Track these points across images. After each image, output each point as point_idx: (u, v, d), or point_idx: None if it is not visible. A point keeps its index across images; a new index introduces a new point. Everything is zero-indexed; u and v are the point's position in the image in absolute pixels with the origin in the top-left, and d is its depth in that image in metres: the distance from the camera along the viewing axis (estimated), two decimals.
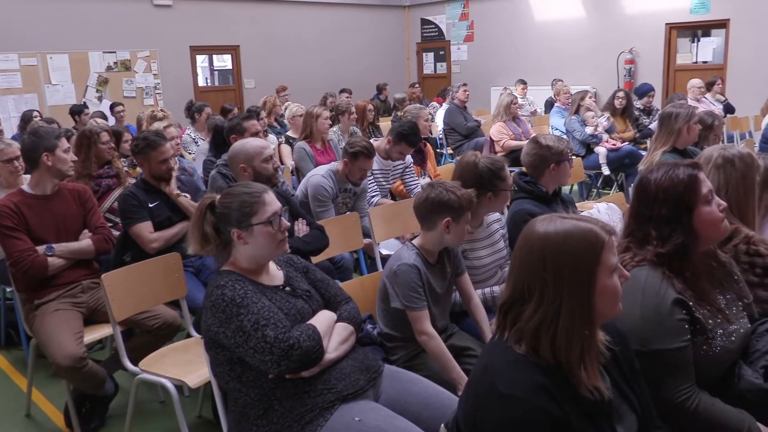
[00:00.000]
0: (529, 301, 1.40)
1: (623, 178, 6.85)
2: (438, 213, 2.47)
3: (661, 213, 1.84)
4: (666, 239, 1.83)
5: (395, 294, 2.46)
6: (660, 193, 1.85)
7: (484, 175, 2.87)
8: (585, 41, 12.07)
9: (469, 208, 2.49)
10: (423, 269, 2.48)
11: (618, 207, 3.89)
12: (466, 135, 7.76)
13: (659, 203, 1.85)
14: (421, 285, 2.45)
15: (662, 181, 1.86)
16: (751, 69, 10.03)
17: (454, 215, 2.46)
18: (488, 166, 2.89)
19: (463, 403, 1.50)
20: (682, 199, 1.83)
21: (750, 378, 1.79)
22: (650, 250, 1.84)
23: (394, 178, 5.02)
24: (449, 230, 2.47)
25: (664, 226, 1.84)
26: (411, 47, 15.28)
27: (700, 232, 1.84)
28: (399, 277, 2.44)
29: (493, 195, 2.90)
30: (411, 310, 2.44)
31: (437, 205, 2.47)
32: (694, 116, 4.25)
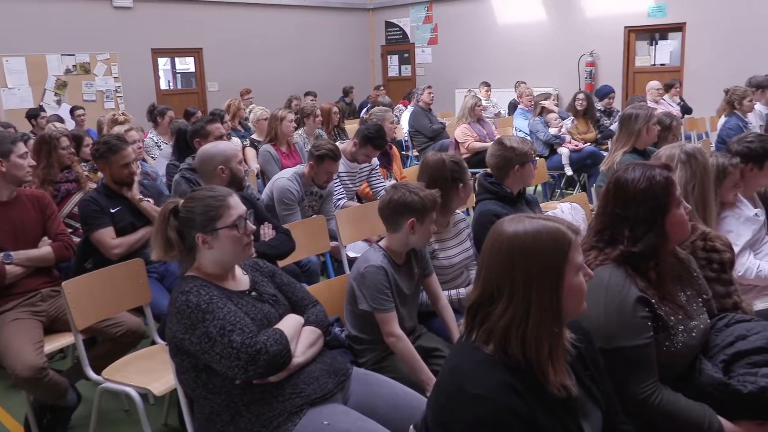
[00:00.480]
0: (499, 300, 1.42)
1: (585, 179, 6.97)
2: (402, 214, 2.49)
3: (638, 214, 1.88)
4: (638, 239, 1.87)
5: (363, 296, 2.46)
6: (638, 195, 1.89)
7: (452, 169, 2.96)
8: (547, 44, 12.25)
9: (434, 209, 2.51)
10: (390, 271, 2.49)
11: (581, 207, 3.95)
12: (431, 137, 7.80)
13: (637, 204, 1.88)
14: (389, 287, 2.46)
15: (639, 182, 1.89)
16: (706, 71, 10.30)
17: (418, 216, 2.47)
18: (452, 160, 3.02)
19: (431, 404, 1.51)
20: (658, 202, 1.87)
21: (710, 372, 1.84)
22: (620, 249, 1.88)
23: (360, 181, 5.02)
24: (414, 231, 2.49)
25: (639, 226, 1.87)
26: (375, 50, 15.31)
27: (670, 233, 1.88)
28: (366, 279, 2.45)
29: (464, 185, 3.00)
30: (379, 312, 2.44)
31: (401, 207, 2.49)
32: (653, 117, 4.35)
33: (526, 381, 1.39)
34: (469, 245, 3.08)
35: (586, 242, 1.96)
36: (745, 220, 2.90)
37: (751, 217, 2.92)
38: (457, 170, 3.00)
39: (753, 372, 1.79)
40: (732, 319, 2.01)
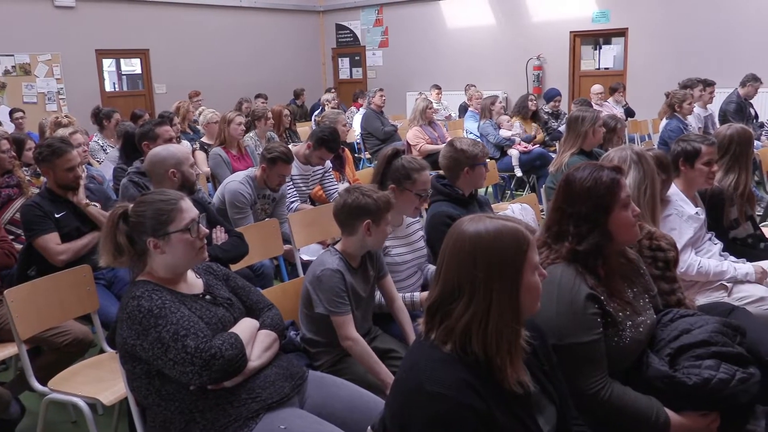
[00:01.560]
0: (459, 299, 1.44)
1: (535, 180, 7.10)
2: (357, 217, 2.49)
3: (581, 211, 1.93)
4: (583, 237, 1.92)
5: (319, 300, 2.45)
6: (583, 192, 1.94)
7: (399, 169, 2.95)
8: (496, 48, 12.44)
9: (388, 210, 2.51)
10: (346, 274, 2.49)
11: (531, 208, 4.03)
12: (384, 139, 7.83)
13: (580, 201, 1.94)
14: (345, 290, 2.45)
15: (586, 180, 1.95)
16: (648, 75, 10.64)
17: (373, 218, 2.48)
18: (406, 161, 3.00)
19: (390, 403, 1.52)
20: (601, 201, 1.93)
21: (657, 366, 1.90)
22: (566, 246, 1.93)
23: (313, 183, 5.01)
24: (370, 233, 2.49)
25: (583, 224, 1.93)
26: (326, 52, 15.27)
27: (614, 234, 1.94)
28: (323, 283, 2.44)
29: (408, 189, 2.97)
30: (335, 315, 2.43)
31: (355, 210, 2.49)
32: (599, 119, 4.48)
33: (483, 378, 1.42)
34: (422, 245, 3.10)
35: (539, 238, 2.01)
36: (688, 218, 3.01)
37: (692, 216, 3.04)
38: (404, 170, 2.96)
39: (697, 364, 1.86)
40: (676, 315, 2.09)
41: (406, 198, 2.93)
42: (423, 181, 2.94)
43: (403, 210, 2.96)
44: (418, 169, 2.93)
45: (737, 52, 9.74)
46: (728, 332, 1.97)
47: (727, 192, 3.36)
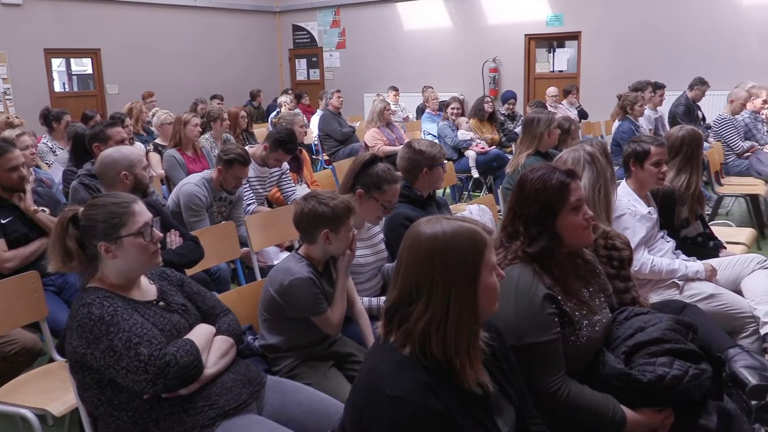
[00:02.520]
0: (418, 301, 1.43)
1: (492, 181, 7.18)
2: (315, 226, 2.45)
3: (530, 213, 1.95)
4: (533, 239, 1.94)
5: (294, 307, 2.41)
6: (532, 194, 1.96)
7: (372, 176, 2.90)
8: (452, 50, 12.55)
9: (347, 217, 2.47)
10: (316, 277, 2.46)
11: (488, 208, 4.06)
12: (342, 141, 7.82)
13: (530, 203, 1.96)
14: (320, 291, 2.44)
15: (536, 182, 1.97)
16: (600, 77, 10.88)
17: (331, 226, 2.44)
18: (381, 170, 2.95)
19: (349, 408, 1.50)
20: (549, 204, 1.95)
21: (613, 364, 1.93)
22: (518, 246, 1.95)
23: (270, 185, 4.95)
24: (330, 241, 2.45)
25: (532, 226, 1.95)
26: (283, 53, 15.16)
27: (564, 236, 1.96)
28: (297, 292, 2.39)
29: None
30: (319, 315, 2.43)
31: (312, 219, 2.45)
32: (554, 121, 4.55)
33: (443, 380, 1.41)
34: (382, 247, 3.09)
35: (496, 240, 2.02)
36: (641, 217, 3.08)
37: (645, 215, 3.11)
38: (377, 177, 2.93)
39: (651, 362, 1.90)
40: (631, 313, 2.12)
41: (372, 206, 2.89)
42: (392, 193, 2.90)
43: (365, 216, 2.94)
44: (391, 181, 2.88)
45: (684, 56, 10.04)
46: (681, 329, 2.01)
47: (678, 192, 3.44)
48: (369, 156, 2.96)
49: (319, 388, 2.29)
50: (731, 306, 3.05)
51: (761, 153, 6.39)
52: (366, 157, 2.95)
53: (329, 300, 2.51)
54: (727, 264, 3.29)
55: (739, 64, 9.59)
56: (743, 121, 6.65)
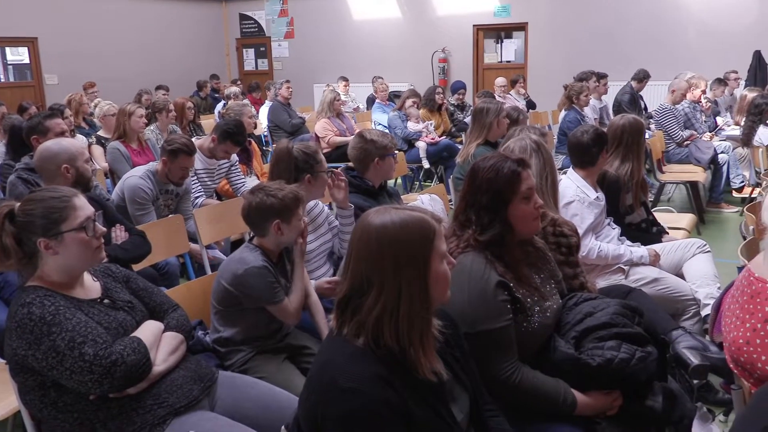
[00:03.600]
0: (369, 292, 1.43)
1: (443, 171, 7.22)
2: (265, 219, 2.42)
3: (482, 201, 1.97)
4: (485, 227, 1.96)
5: (249, 297, 2.37)
6: (484, 183, 1.98)
7: (299, 159, 2.93)
8: (401, 40, 12.56)
9: (297, 206, 2.45)
10: (271, 267, 2.43)
11: (439, 198, 4.09)
12: (291, 132, 7.74)
13: (482, 192, 1.97)
14: (276, 280, 2.41)
15: (488, 172, 1.98)
16: (546, 68, 11.07)
17: (282, 217, 2.41)
18: (302, 150, 2.98)
19: (303, 401, 1.48)
20: (500, 193, 1.96)
21: (563, 349, 1.97)
22: (470, 234, 1.96)
23: (219, 178, 4.86)
24: (282, 232, 2.43)
25: (484, 214, 1.96)
26: (230, 43, 14.89)
27: (515, 225, 1.99)
28: (252, 281, 2.35)
29: (312, 178, 2.96)
30: (275, 304, 2.40)
31: (261, 212, 2.42)
32: (503, 111, 4.60)
33: (397, 371, 1.41)
34: (326, 231, 3.07)
35: (448, 229, 2.03)
36: (589, 204, 3.15)
37: (593, 201, 3.17)
38: (305, 161, 2.97)
39: (600, 346, 1.94)
40: (580, 298, 2.17)
41: (321, 181, 2.98)
42: (323, 159, 3.05)
43: (320, 193, 3.02)
44: (315, 151, 3.00)
45: (627, 47, 10.31)
46: (628, 313, 2.06)
47: (622, 179, 3.53)
48: (283, 146, 3.00)
49: (273, 382, 2.26)
50: (674, 289, 3.15)
51: (700, 141, 6.62)
52: (283, 150, 2.98)
53: (285, 291, 2.48)
54: (670, 249, 3.40)
55: (678, 55, 9.90)
56: (683, 110, 6.87)
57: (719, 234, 5.76)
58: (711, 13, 9.98)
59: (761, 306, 1.77)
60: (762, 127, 6.18)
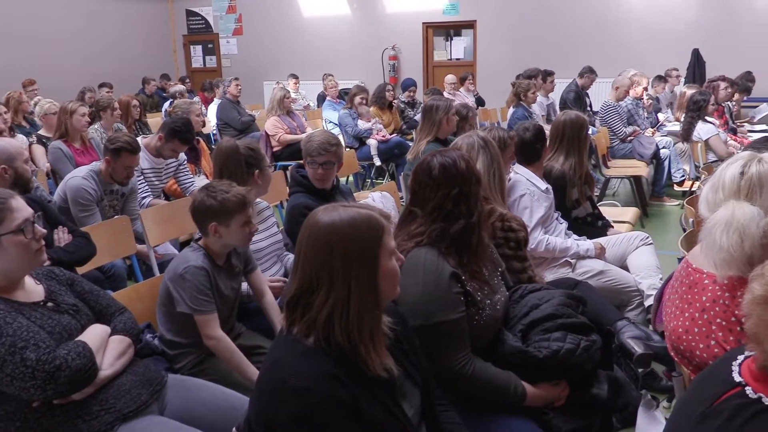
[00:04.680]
0: (318, 290, 1.42)
1: (394, 168, 7.25)
2: (204, 219, 2.39)
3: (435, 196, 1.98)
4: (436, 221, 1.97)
5: (181, 298, 2.32)
6: (459, 174, 2.00)
7: (247, 155, 2.92)
8: (351, 38, 12.54)
9: (239, 210, 2.39)
10: (211, 271, 2.38)
11: (390, 195, 4.10)
12: (241, 130, 7.64)
13: (436, 187, 1.99)
14: (210, 287, 2.35)
15: (444, 167, 2.00)
16: (495, 65, 11.23)
17: (219, 219, 2.37)
18: (248, 147, 2.99)
19: (254, 402, 1.47)
20: (476, 182, 2.00)
21: (511, 342, 2.00)
22: (423, 229, 1.98)
23: (167, 177, 4.77)
24: (219, 234, 2.39)
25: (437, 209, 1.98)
26: (177, 40, 14.60)
27: (479, 215, 2.02)
28: (186, 281, 2.32)
29: (260, 174, 2.98)
30: (200, 314, 2.33)
31: (201, 212, 2.39)
32: (452, 108, 4.65)
33: (348, 368, 1.41)
34: (276, 231, 3.05)
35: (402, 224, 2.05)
36: (538, 197, 3.21)
37: (543, 194, 3.24)
38: (252, 157, 2.95)
39: (546, 338, 1.98)
40: (525, 290, 2.21)
41: (268, 176, 3.00)
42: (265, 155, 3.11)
43: (266, 189, 3.04)
44: (258, 147, 3.02)
45: (573, 45, 10.54)
46: (571, 303, 2.12)
47: (568, 175, 3.61)
48: (224, 148, 2.98)
49: (226, 384, 2.24)
50: (619, 281, 3.25)
51: (643, 137, 6.82)
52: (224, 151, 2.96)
53: (223, 299, 2.44)
54: (614, 242, 3.50)
55: (621, 53, 10.18)
56: (626, 107, 7.07)
57: (661, 226, 5.95)
58: (652, 12, 10.29)
59: (699, 296, 1.85)
60: (700, 123, 6.41)
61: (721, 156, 6.07)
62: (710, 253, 1.76)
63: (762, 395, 1.21)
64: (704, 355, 1.80)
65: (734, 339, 1.74)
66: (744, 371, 1.28)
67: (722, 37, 9.78)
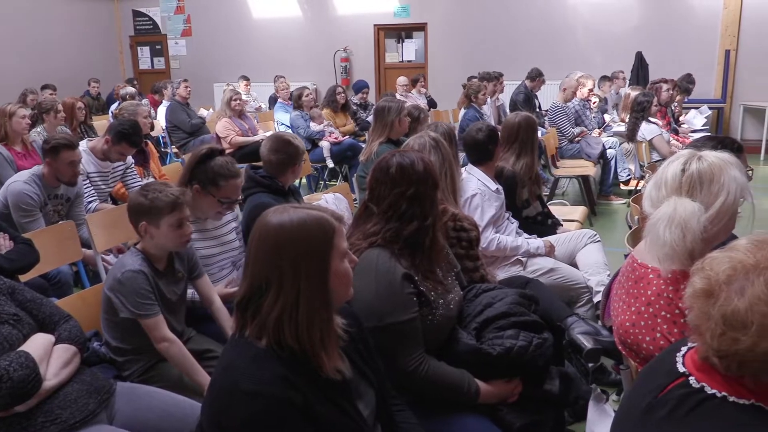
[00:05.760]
0: (268, 292, 1.40)
1: (347, 170, 7.24)
2: (135, 218, 2.35)
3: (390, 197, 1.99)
4: (413, 218, 1.97)
5: (122, 304, 2.26)
6: (415, 174, 1.99)
7: (208, 171, 2.79)
8: (303, 39, 12.47)
9: (170, 211, 2.33)
10: (150, 274, 2.33)
11: (344, 197, 4.09)
12: (191, 132, 7.51)
13: (410, 183, 1.98)
14: (151, 290, 2.30)
15: (417, 164, 2.01)
16: (446, 67, 11.33)
17: (148, 219, 2.32)
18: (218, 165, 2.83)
19: (206, 407, 1.44)
20: (433, 181, 2.01)
21: (465, 340, 2.02)
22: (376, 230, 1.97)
23: (114, 181, 4.65)
24: (150, 234, 2.34)
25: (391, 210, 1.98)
26: (124, 40, 14.26)
27: (436, 215, 2.03)
28: (125, 286, 2.26)
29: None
30: (145, 318, 2.27)
31: (132, 210, 2.36)
32: (404, 110, 4.67)
33: (299, 371, 1.40)
34: (233, 238, 3.01)
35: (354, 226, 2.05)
36: (489, 197, 3.25)
37: (493, 194, 3.28)
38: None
39: (500, 335, 2.01)
40: (479, 290, 2.24)
41: (209, 202, 2.80)
42: (231, 189, 2.80)
43: (204, 212, 2.84)
44: (227, 176, 2.77)
45: (522, 47, 10.72)
46: (524, 302, 2.15)
47: (519, 175, 3.67)
48: (206, 149, 2.84)
49: (177, 390, 2.20)
50: (568, 278, 3.31)
51: (590, 137, 6.99)
52: (203, 151, 2.83)
53: (166, 304, 2.39)
54: (564, 240, 3.57)
55: (568, 55, 10.41)
56: (574, 108, 7.23)
57: (609, 224, 6.11)
58: (597, 16, 10.55)
59: (644, 290, 1.90)
60: (644, 124, 6.60)
61: (664, 155, 6.26)
62: (654, 248, 1.81)
63: (704, 384, 1.25)
64: (650, 347, 1.85)
65: (678, 331, 1.79)
66: (687, 362, 1.32)
67: (664, 40, 10.10)
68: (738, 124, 10.04)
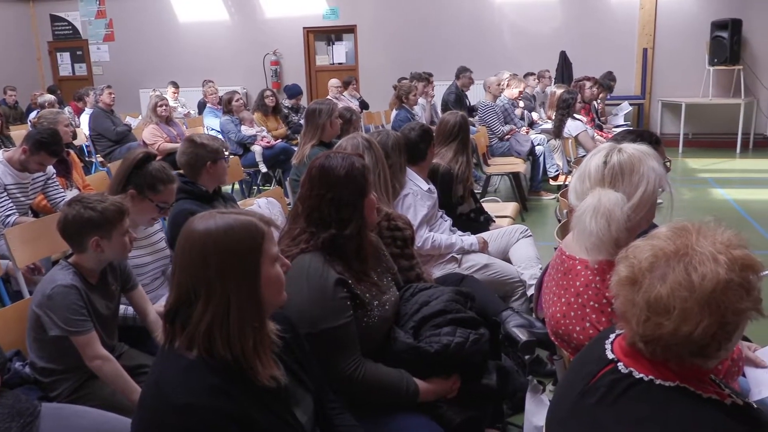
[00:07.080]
0: (197, 301, 1.36)
1: (280, 174, 7.17)
2: (82, 234, 2.23)
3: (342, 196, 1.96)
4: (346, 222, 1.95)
5: (52, 321, 2.15)
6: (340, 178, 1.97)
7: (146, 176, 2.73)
8: (231, 43, 12.28)
9: (119, 220, 2.27)
10: (83, 289, 2.23)
11: (277, 201, 4.04)
12: (117, 140, 7.25)
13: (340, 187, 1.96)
14: (84, 306, 2.19)
15: (341, 167, 1.98)
16: (377, 69, 11.39)
17: (101, 232, 2.23)
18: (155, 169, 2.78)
19: (135, 424, 1.39)
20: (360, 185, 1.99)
21: (403, 339, 2.02)
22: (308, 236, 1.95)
23: (34, 193, 4.43)
24: (101, 248, 2.25)
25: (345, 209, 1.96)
26: (42, 46, 13.67)
27: (367, 216, 2.01)
28: (55, 301, 2.15)
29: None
30: (77, 335, 2.16)
31: (79, 226, 2.23)
32: (335, 112, 4.66)
33: (234, 380, 1.36)
34: (164, 246, 2.92)
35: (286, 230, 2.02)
36: (422, 196, 3.28)
37: (425, 193, 3.31)
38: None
39: (437, 333, 2.02)
40: (416, 289, 2.24)
41: (145, 207, 2.73)
42: (168, 193, 2.76)
43: (139, 218, 2.75)
44: (166, 181, 2.74)
45: (451, 48, 10.89)
46: (460, 299, 2.17)
47: (455, 171, 3.73)
48: (142, 154, 2.77)
49: (108, 408, 2.11)
50: (502, 273, 3.37)
51: (519, 135, 7.15)
52: (139, 156, 2.76)
53: (99, 319, 2.29)
54: (497, 236, 3.64)
55: (496, 56, 10.65)
56: (503, 106, 7.38)
57: (540, 219, 6.27)
58: (522, 17, 10.84)
59: (573, 281, 1.95)
60: (570, 120, 6.81)
61: (589, 150, 6.46)
62: (581, 239, 1.86)
63: (632, 369, 1.29)
64: (581, 337, 1.90)
65: (606, 320, 1.84)
66: (616, 348, 1.36)
67: (585, 40, 10.46)
68: (657, 119, 10.51)
